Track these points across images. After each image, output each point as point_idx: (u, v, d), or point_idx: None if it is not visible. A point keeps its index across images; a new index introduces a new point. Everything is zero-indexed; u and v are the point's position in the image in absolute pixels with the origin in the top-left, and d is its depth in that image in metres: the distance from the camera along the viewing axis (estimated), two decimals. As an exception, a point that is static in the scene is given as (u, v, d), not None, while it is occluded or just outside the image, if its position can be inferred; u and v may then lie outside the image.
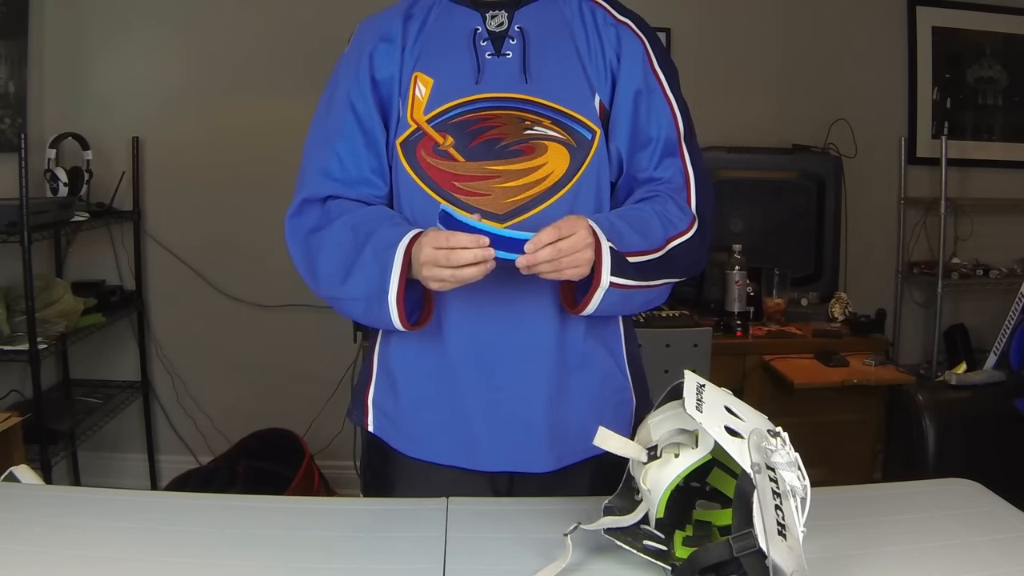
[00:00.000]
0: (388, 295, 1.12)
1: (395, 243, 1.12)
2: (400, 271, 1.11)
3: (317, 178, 1.23)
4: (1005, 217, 3.40)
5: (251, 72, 3.13)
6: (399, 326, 1.15)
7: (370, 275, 1.13)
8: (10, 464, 1.31)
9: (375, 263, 1.13)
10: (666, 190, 1.23)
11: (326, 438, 3.10)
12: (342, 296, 1.18)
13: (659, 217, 1.20)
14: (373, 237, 1.15)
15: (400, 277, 1.11)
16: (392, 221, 1.18)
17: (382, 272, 1.12)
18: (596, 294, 1.12)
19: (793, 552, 0.82)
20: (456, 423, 1.22)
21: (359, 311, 1.18)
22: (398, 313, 1.13)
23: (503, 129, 1.19)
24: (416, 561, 0.99)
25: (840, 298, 2.94)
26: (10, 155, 2.51)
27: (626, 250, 1.13)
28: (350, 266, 1.16)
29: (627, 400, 1.30)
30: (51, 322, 2.54)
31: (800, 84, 3.32)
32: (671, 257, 1.19)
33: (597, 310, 1.14)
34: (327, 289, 1.20)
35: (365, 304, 1.15)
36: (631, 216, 1.19)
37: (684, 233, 1.21)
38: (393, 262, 1.11)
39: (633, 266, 1.14)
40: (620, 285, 1.12)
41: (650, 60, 1.24)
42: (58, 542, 1.02)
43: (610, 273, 1.10)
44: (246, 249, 3.13)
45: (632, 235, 1.15)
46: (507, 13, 1.24)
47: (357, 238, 1.16)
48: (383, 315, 1.14)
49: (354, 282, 1.16)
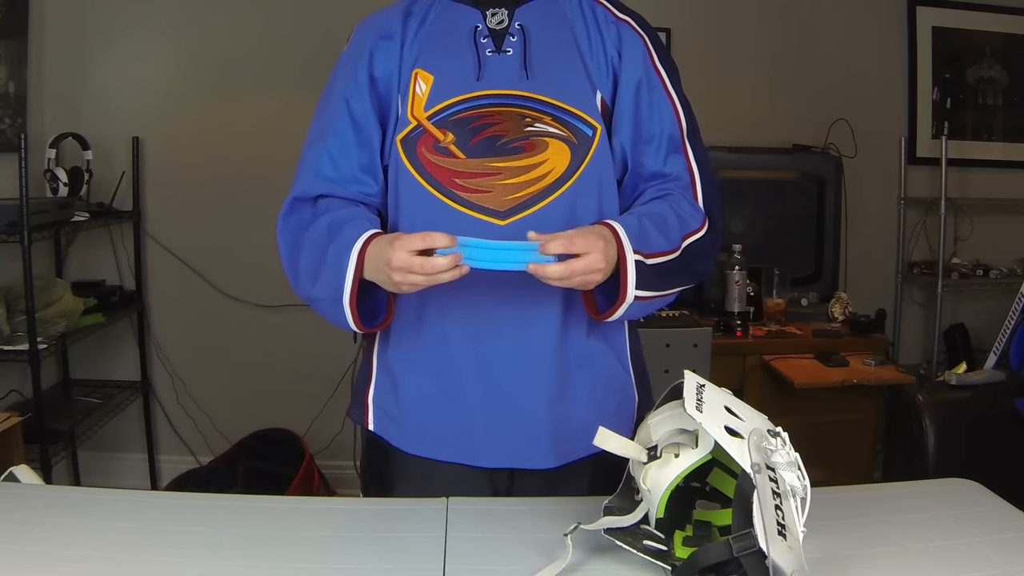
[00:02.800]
0: (343, 298, 1.13)
1: (350, 245, 1.13)
2: (353, 275, 1.12)
3: (309, 177, 1.23)
4: (1005, 217, 3.40)
5: (251, 71, 3.13)
6: (354, 328, 1.16)
7: (332, 278, 1.15)
8: (10, 464, 1.30)
9: (335, 266, 1.14)
10: (675, 187, 1.24)
11: (326, 438, 3.10)
12: (314, 296, 1.20)
13: (675, 214, 1.20)
14: (336, 238, 1.16)
15: (353, 281, 1.12)
16: (354, 223, 1.18)
17: (338, 275, 1.13)
18: (621, 307, 1.14)
19: (793, 552, 0.82)
20: (457, 420, 1.22)
21: (328, 313, 1.19)
22: (352, 316, 1.14)
23: (504, 126, 1.19)
24: (416, 561, 0.99)
25: (840, 298, 2.94)
26: (10, 155, 2.51)
27: (650, 250, 1.14)
28: (318, 267, 1.17)
29: (630, 398, 1.30)
30: (51, 322, 2.54)
31: (800, 84, 3.32)
32: (687, 255, 1.20)
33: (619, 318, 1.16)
34: (303, 289, 1.21)
35: (331, 305, 1.17)
36: (653, 214, 1.19)
37: (698, 231, 1.22)
38: (347, 266, 1.12)
39: (655, 272, 1.15)
40: (643, 298, 1.14)
41: (651, 57, 1.24)
42: (58, 542, 1.02)
43: (635, 287, 1.12)
44: (246, 249, 3.13)
45: (656, 235, 1.16)
46: (507, 10, 1.24)
47: (329, 238, 1.17)
48: (341, 317, 1.16)
49: (321, 283, 1.17)
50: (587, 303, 1.18)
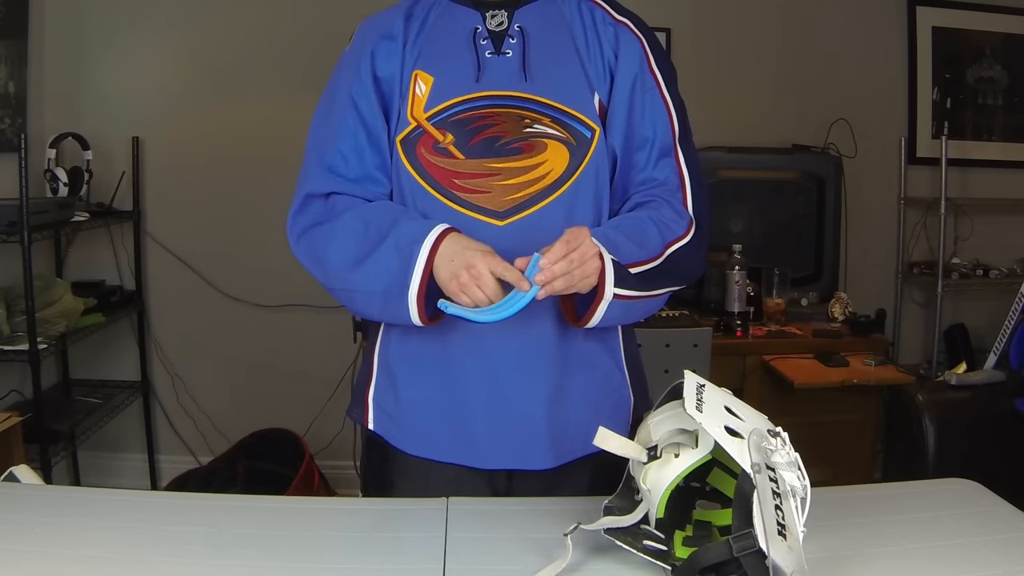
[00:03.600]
0: (409, 291, 1.11)
1: (420, 238, 1.11)
2: (424, 267, 1.10)
3: (321, 174, 1.23)
4: (1005, 217, 3.40)
5: (251, 72, 3.13)
6: (417, 322, 1.14)
7: (390, 269, 1.13)
8: (10, 464, 1.30)
9: (397, 257, 1.12)
10: (661, 193, 1.23)
11: (326, 438, 3.10)
12: (355, 288, 1.17)
13: (655, 224, 1.19)
14: (395, 230, 1.14)
15: (424, 272, 1.10)
16: (410, 215, 1.17)
17: (405, 267, 1.11)
18: (600, 306, 1.12)
19: (793, 552, 0.82)
20: (456, 421, 1.22)
21: (375, 304, 1.17)
22: (417, 309, 1.12)
23: (503, 127, 1.19)
24: (416, 561, 0.99)
25: (840, 298, 2.94)
26: (10, 155, 2.51)
27: (623, 261, 1.13)
28: (363, 258, 1.15)
29: (625, 398, 1.30)
30: (51, 322, 2.54)
31: (800, 84, 3.32)
32: (671, 263, 1.19)
33: (600, 322, 1.14)
34: (337, 280, 1.19)
35: (382, 298, 1.15)
36: (626, 226, 1.18)
37: (682, 238, 1.21)
38: (417, 257, 1.10)
39: (634, 276, 1.14)
40: (623, 296, 1.12)
41: (648, 59, 1.25)
42: (58, 542, 1.02)
43: (613, 285, 1.10)
44: (246, 249, 3.13)
45: (628, 245, 1.15)
46: (507, 12, 1.24)
47: (370, 230, 1.16)
48: (401, 310, 1.13)
49: (370, 275, 1.15)
50: (566, 310, 1.17)
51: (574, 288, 1.08)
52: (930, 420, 2.15)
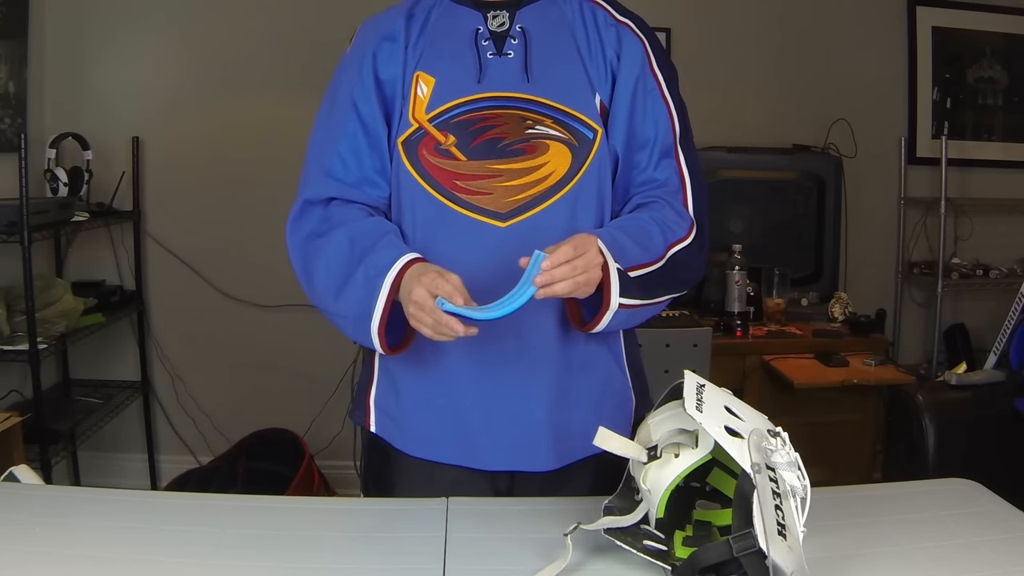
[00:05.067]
0: (372, 321, 1.13)
1: (385, 270, 1.12)
2: (385, 302, 1.11)
3: (320, 178, 1.23)
4: (1005, 217, 3.40)
5: (251, 72, 3.13)
6: (380, 351, 1.17)
7: (360, 297, 1.14)
8: (10, 464, 1.31)
9: (365, 286, 1.13)
10: (662, 194, 1.24)
11: (326, 438, 3.10)
12: (332, 311, 1.19)
13: (658, 225, 1.20)
14: (367, 257, 1.14)
15: (385, 307, 1.12)
16: (387, 240, 1.17)
17: (369, 297, 1.12)
18: (606, 315, 1.13)
19: (793, 552, 0.83)
20: (458, 423, 1.22)
21: (348, 328, 1.19)
22: (379, 340, 1.14)
23: (505, 128, 1.19)
24: (416, 561, 0.99)
25: (840, 298, 2.94)
26: (10, 155, 2.51)
27: (628, 263, 1.13)
28: (343, 283, 1.16)
29: (627, 399, 1.30)
30: (51, 322, 2.54)
31: (800, 84, 3.32)
32: (672, 265, 1.19)
33: (605, 328, 1.15)
34: (321, 302, 1.21)
35: (353, 323, 1.17)
36: (630, 227, 1.18)
37: (684, 239, 1.21)
38: (380, 290, 1.11)
39: (639, 283, 1.14)
40: (628, 305, 1.13)
41: (649, 60, 1.24)
42: (58, 542, 1.02)
43: (619, 295, 1.11)
44: (246, 249, 3.13)
45: (634, 248, 1.15)
46: (508, 13, 1.24)
47: (353, 252, 1.16)
48: (368, 339, 1.16)
49: (344, 300, 1.16)
50: (572, 314, 1.17)
51: (577, 293, 1.08)
52: (930, 420, 2.15)
